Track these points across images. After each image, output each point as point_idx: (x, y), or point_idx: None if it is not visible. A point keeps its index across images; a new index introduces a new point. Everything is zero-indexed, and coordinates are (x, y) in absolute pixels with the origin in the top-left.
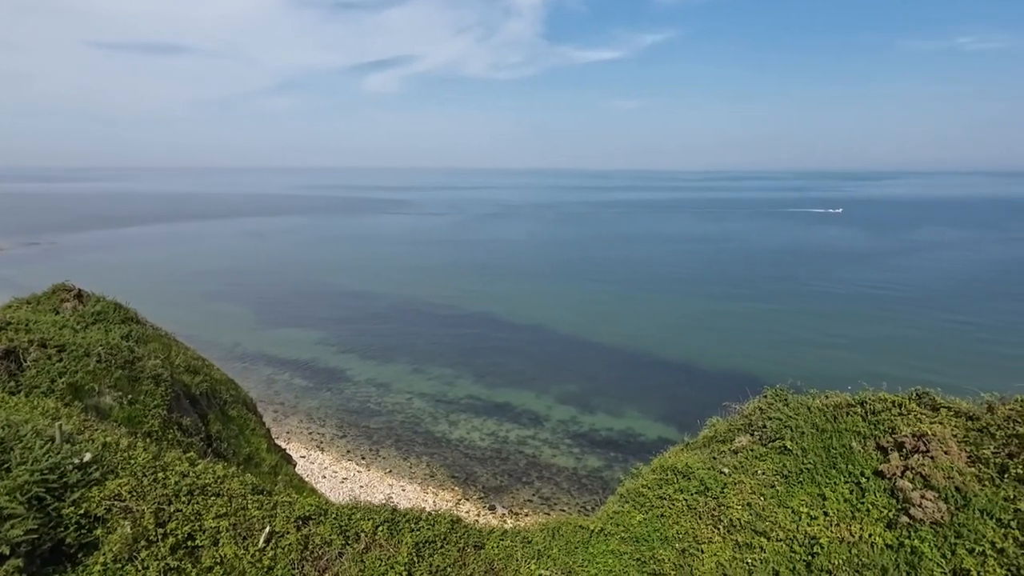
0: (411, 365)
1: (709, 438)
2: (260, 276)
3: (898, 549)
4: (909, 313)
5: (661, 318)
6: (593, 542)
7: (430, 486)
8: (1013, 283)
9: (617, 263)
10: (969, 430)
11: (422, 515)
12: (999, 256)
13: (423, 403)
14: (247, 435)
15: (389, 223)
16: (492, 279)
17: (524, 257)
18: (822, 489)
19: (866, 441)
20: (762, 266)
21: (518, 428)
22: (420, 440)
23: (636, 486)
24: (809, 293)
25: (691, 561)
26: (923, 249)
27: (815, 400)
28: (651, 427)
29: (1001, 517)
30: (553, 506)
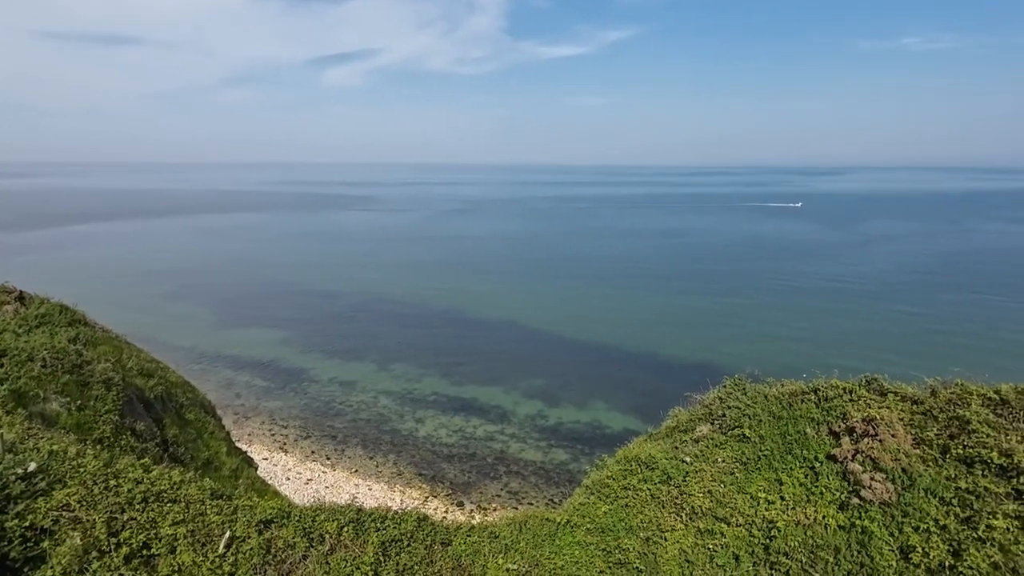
0: (376, 363)
1: (671, 428)
2: (217, 275)
3: (850, 529)
4: (860, 304)
5: (625, 312)
6: (560, 534)
7: (397, 484)
8: (957, 274)
9: (582, 258)
10: (914, 413)
11: (388, 514)
12: (945, 248)
13: (389, 401)
14: (205, 439)
15: (353, 220)
16: (458, 276)
17: (490, 253)
18: (779, 474)
19: (819, 427)
20: (723, 260)
21: (486, 424)
22: (386, 439)
23: (601, 477)
24: (767, 286)
25: (655, 549)
26: (876, 242)
27: (772, 389)
28: (616, 419)
29: (944, 495)
30: (521, 500)
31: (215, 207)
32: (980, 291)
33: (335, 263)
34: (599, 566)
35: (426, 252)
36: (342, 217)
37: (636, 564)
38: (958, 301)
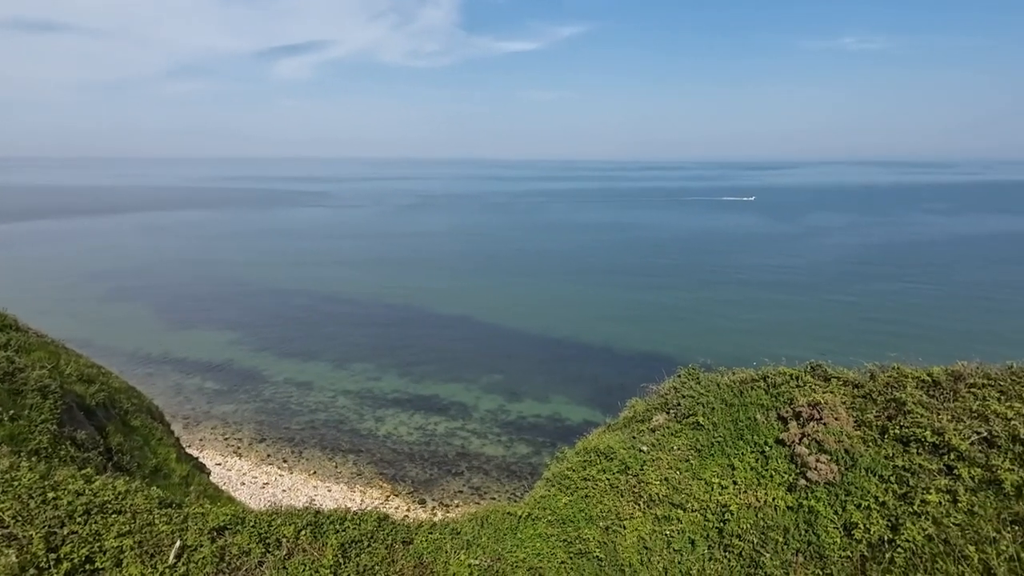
0: (333, 363)
1: (629, 418)
2: (163, 276)
3: (798, 510)
4: (804, 294)
5: (582, 305)
6: (521, 527)
7: (357, 485)
8: (888, 263)
9: (538, 253)
10: (855, 397)
11: (348, 515)
12: (878, 239)
13: (347, 401)
14: (153, 445)
15: (306, 216)
16: (415, 272)
17: (447, 249)
18: (731, 460)
19: (768, 412)
20: (675, 253)
21: (446, 420)
22: (345, 439)
23: (561, 469)
24: (718, 278)
25: (614, 538)
26: (816, 234)
27: (724, 377)
28: (576, 411)
29: (883, 473)
30: (484, 495)
31: (160, 203)
32: (909, 279)
33: (288, 261)
34: (560, 557)
35: (381, 248)
36: (294, 213)
37: (596, 553)
38: (890, 289)
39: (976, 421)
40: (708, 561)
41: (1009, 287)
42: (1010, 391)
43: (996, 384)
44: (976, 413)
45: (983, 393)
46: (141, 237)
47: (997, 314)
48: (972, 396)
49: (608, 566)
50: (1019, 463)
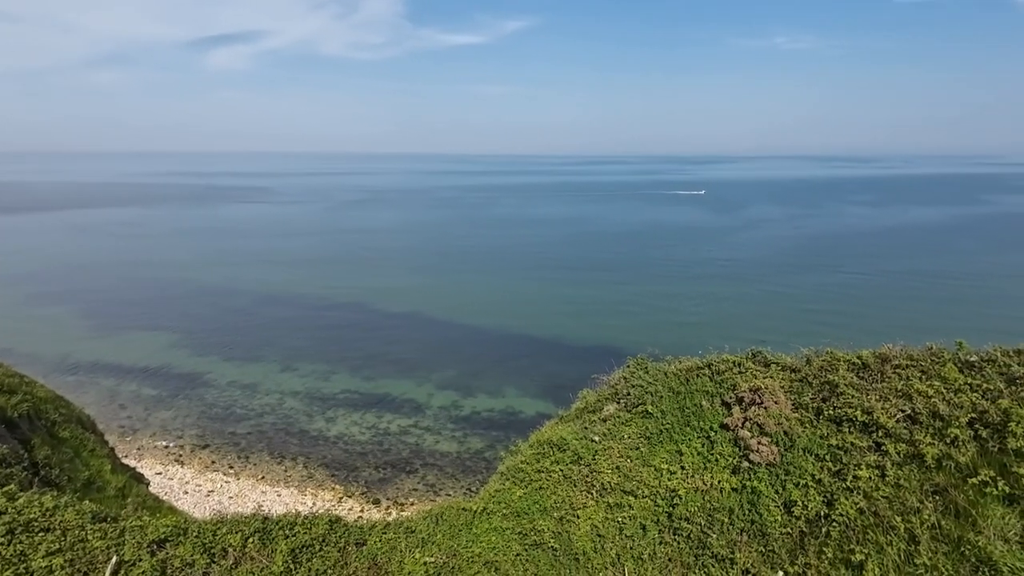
0: (280, 364)
1: (581, 409)
2: (92, 278)
3: (741, 491)
4: (746, 284)
5: (533, 300)
6: (476, 522)
7: (308, 487)
8: (820, 253)
9: (488, 248)
10: (793, 381)
11: (298, 519)
12: (812, 231)
13: (296, 402)
14: (85, 457)
15: (248, 213)
16: (362, 270)
17: (395, 245)
18: (679, 446)
19: (713, 398)
20: (624, 246)
21: (399, 418)
22: (295, 441)
23: (515, 463)
24: (665, 270)
25: (568, 527)
26: (754, 227)
27: (671, 366)
28: (529, 404)
29: (818, 453)
30: (439, 492)
31: (87, 201)
32: (839, 269)
33: (229, 260)
34: (516, 549)
35: (328, 246)
36: (235, 210)
37: (551, 544)
38: (823, 278)
39: (901, 400)
40: (659, 545)
41: (927, 274)
42: (930, 371)
43: (918, 364)
44: (901, 392)
45: (907, 373)
46: (68, 236)
47: (918, 300)
48: (897, 376)
49: (563, 556)
50: (939, 437)
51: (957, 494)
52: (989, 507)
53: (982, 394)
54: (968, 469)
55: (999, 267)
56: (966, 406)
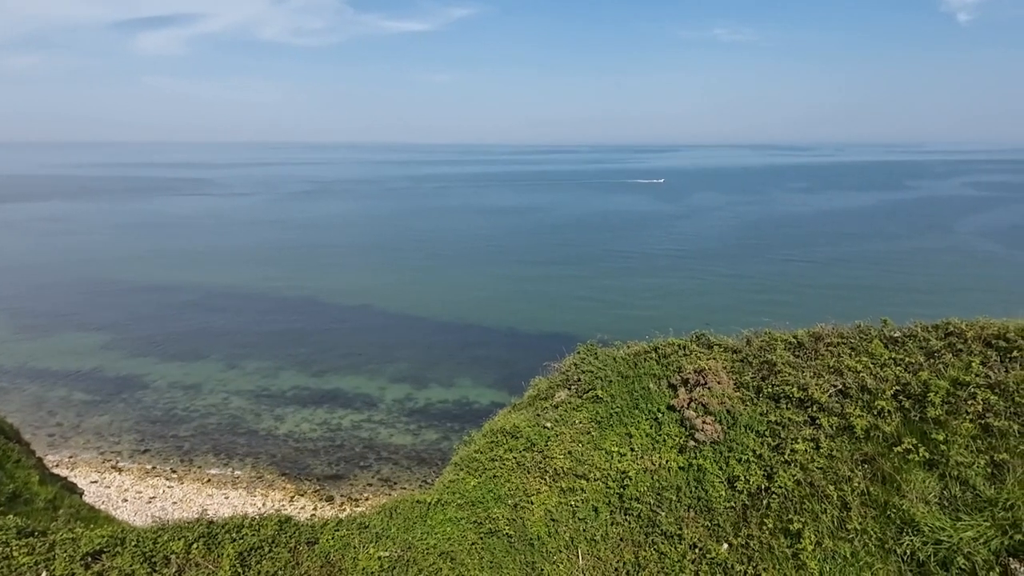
0: (224, 362)
1: (533, 397)
2: (13, 277)
3: (688, 469)
4: (691, 269)
5: (487, 289)
6: (431, 514)
7: (258, 488)
8: (760, 238)
9: (441, 238)
10: (734, 361)
11: (245, 522)
12: (753, 217)
13: (242, 401)
14: (9, 469)
15: (186, 206)
16: (310, 262)
17: (344, 237)
18: (628, 428)
19: (660, 381)
20: (575, 234)
21: (352, 413)
22: (242, 441)
23: (469, 452)
24: (615, 257)
25: (523, 514)
26: (699, 213)
27: (619, 351)
28: (483, 393)
29: (759, 429)
30: (394, 485)
31: (7, 195)
32: (778, 252)
33: (167, 256)
34: (471, 539)
35: (273, 238)
36: (173, 203)
37: (506, 531)
38: (763, 262)
39: (833, 376)
40: (610, 526)
41: (857, 256)
42: (859, 347)
43: (848, 342)
44: (833, 368)
45: (838, 350)
46: None
47: (849, 280)
48: (829, 354)
49: (518, 542)
50: (867, 410)
51: (884, 462)
52: (912, 472)
53: (905, 367)
54: (893, 438)
55: (921, 248)
56: (891, 379)
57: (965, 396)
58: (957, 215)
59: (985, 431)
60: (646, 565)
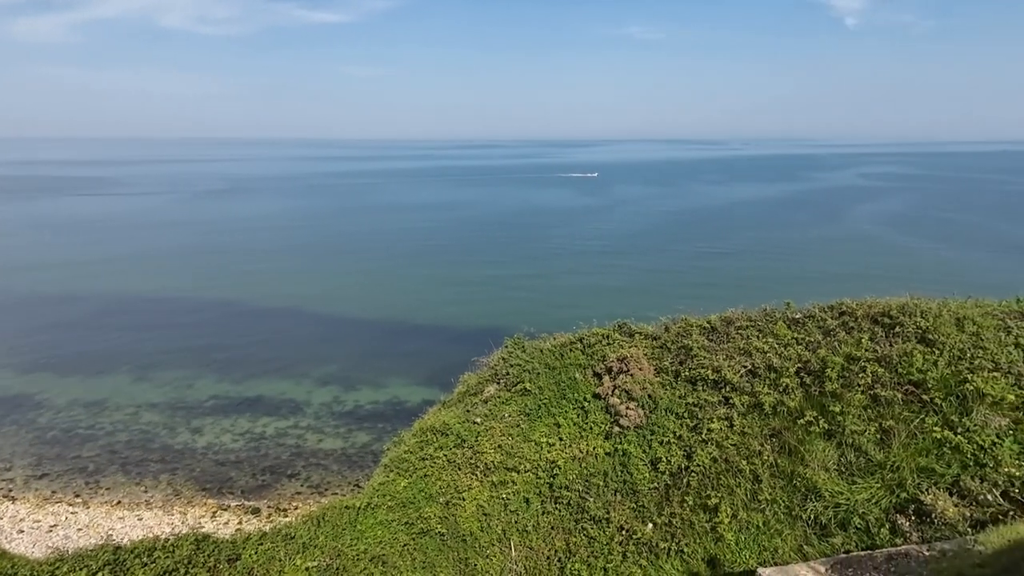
0: (132, 374)
1: (463, 393)
2: None
3: (614, 454)
4: (612, 261)
5: (413, 286)
6: (360, 519)
7: (175, 506)
8: (682, 230)
9: (367, 236)
10: (654, 348)
11: (158, 544)
12: (670, 209)
13: (154, 415)
14: None
15: (86, 207)
16: (226, 265)
17: (265, 236)
18: (556, 418)
19: (585, 370)
20: (503, 229)
21: (276, 420)
22: (155, 458)
23: (399, 453)
24: (541, 250)
25: (455, 511)
26: (621, 206)
27: (546, 343)
28: (415, 392)
29: (678, 411)
30: (325, 492)
31: None
32: (696, 242)
33: (61, 263)
34: (403, 540)
35: (185, 240)
36: (70, 204)
37: (438, 529)
38: (682, 251)
39: (743, 357)
40: (542, 515)
41: (765, 243)
42: (765, 329)
43: (755, 324)
44: (743, 350)
45: (747, 333)
46: None
47: (757, 267)
48: (740, 336)
49: (450, 539)
50: (774, 387)
51: (789, 435)
52: (813, 443)
53: (805, 346)
54: (797, 412)
55: (819, 235)
56: (793, 358)
57: (857, 370)
58: (849, 204)
59: (874, 401)
60: (576, 551)
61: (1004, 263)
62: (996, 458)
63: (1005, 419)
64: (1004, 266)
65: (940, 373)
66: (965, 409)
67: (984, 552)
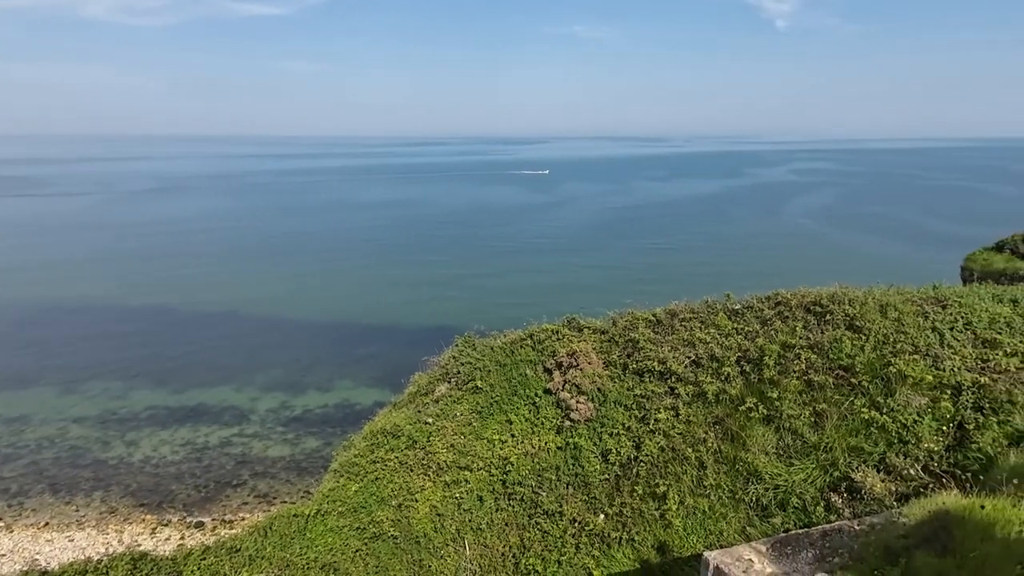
0: (60, 386)
1: (413, 394)
2: None
3: (565, 448)
4: (561, 257)
5: (362, 287)
6: (310, 527)
7: (110, 525)
8: (623, 224)
9: (312, 236)
10: (602, 342)
11: (89, 566)
12: (617, 204)
13: (84, 430)
14: None
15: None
16: (164, 267)
17: (201, 238)
18: (508, 415)
19: (536, 366)
20: (452, 227)
21: (220, 429)
22: (87, 475)
23: (349, 457)
24: (488, 248)
25: (408, 513)
26: (570, 203)
27: (497, 340)
28: (365, 394)
29: (626, 403)
30: (273, 500)
31: None
32: (641, 236)
33: None
34: (355, 546)
35: (114, 243)
36: None
37: (391, 533)
38: (628, 246)
39: (687, 348)
40: (495, 512)
41: (706, 237)
42: (708, 320)
43: (698, 316)
44: (687, 341)
45: (690, 325)
46: None
47: (699, 259)
48: (683, 328)
49: (403, 542)
50: (716, 376)
51: (731, 421)
52: (754, 428)
53: (745, 336)
54: (738, 399)
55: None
56: (734, 347)
57: (792, 357)
58: (785, 198)
59: (808, 386)
60: (531, 546)
61: (921, 252)
62: (917, 435)
63: (924, 398)
64: (920, 255)
65: (867, 357)
66: (889, 390)
67: (908, 523)
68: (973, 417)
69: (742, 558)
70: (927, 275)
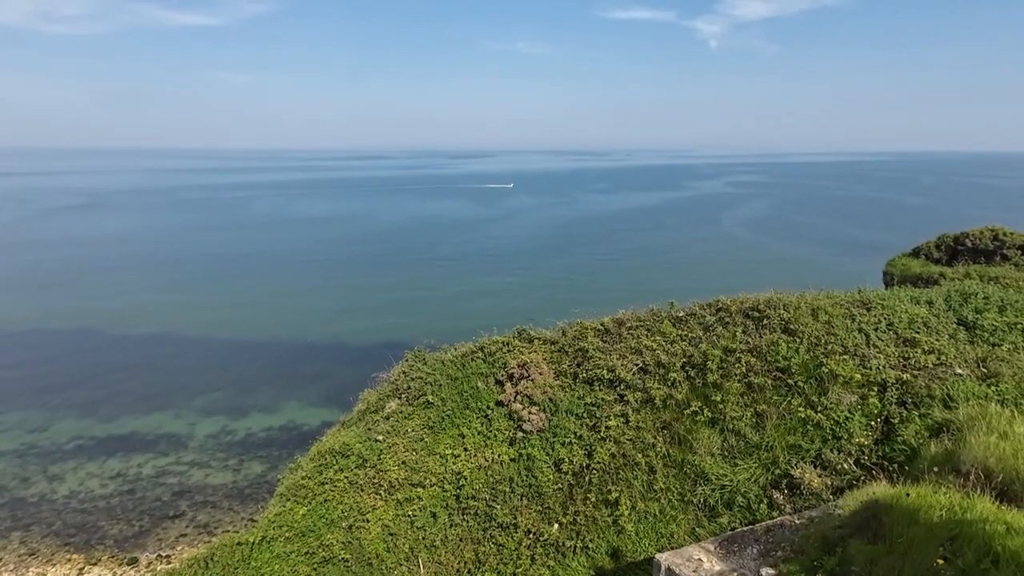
0: None
1: (363, 411)
2: None
3: (519, 459)
4: (509, 268)
5: (305, 304)
6: (255, 554)
7: (32, 567)
8: (571, 236)
9: (250, 253)
10: (553, 352)
11: None
12: (562, 217)
13: (1, 464)
14: None
15: None
16: (87, 289)
17: (127, 256)
18: (460, 429)
19: (488, 379)
20: (394, 241)
21: (154, 458)
22: (4, 514)
23: (296, 480)
24: (436, 261)
25: (359, 534)
26: (516, 215)
27: (447, 354)
28: (312, 414)
29: (577, 412)
30: (214, 531)
31: None
32: (586, 248)
33: None
34: (304, 572)
35: (31, 263)
36: None
37: (342, 556)
38: (573, 258)
39: (635, 355)
40: (449, 528)
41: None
42: (653, 328)
43: (644, 324)
44: (634, 349)
45: (637, 333)
46: None
47: (644, 268)
48: (631, 336)
49: (355, 564)
50: (663, 382)
51: (678, 425)
52: (700, 431)
53: (689, 342)
54: (684, 403)
55: (697, 238)
56: (679, 353)
57: (733, 361)
58: (721, 209)
59: (749, 388)
60: (486, 560)
61: (844, 258)
62: (849, 431)
63: (854, 396)
64: (844, 260)
65: (801, 359)
66: (823, 389)
67: (843, 515)
68: (898, 412)
69: (692, 558)
70: (852, 279)
